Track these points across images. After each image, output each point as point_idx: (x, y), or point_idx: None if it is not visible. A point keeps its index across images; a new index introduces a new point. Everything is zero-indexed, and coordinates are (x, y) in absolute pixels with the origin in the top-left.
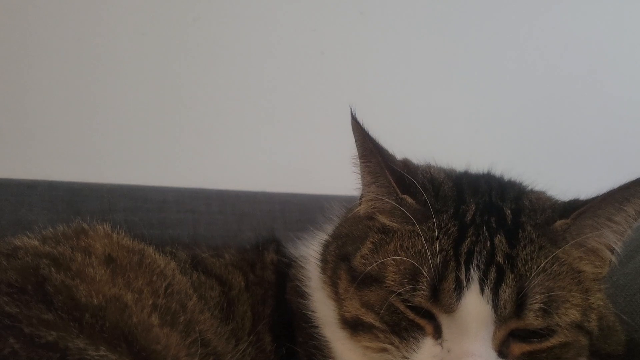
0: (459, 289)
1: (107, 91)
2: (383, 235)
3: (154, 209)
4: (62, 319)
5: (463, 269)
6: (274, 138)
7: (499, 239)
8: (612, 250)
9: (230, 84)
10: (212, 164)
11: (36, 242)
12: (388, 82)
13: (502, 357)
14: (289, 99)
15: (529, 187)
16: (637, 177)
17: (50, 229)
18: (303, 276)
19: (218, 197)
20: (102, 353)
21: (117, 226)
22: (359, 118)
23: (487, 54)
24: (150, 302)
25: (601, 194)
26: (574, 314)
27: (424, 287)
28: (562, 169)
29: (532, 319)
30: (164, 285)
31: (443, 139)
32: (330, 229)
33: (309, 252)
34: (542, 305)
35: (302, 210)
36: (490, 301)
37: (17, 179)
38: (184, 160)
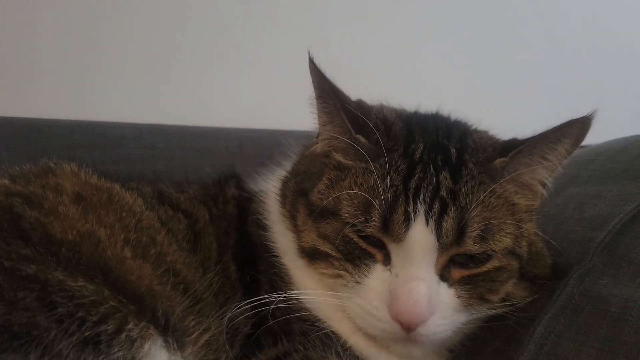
0: (407, 220)
1: (63, 26)
2: (338, 172)
3: (113, 144)
4: (39, 253)
5: (411, 203)
6: (231, 74)
7: (443, 175)
8: (543, 185)
9: (187, 20)
10: (170, 99)
11: (6, 181)
12: (343, 18)
13: (443, 281)
14: (246, 34)
15: (473, 127)
16: (568, 120)
17: (17, 168)
18: (263, 210)
19: (177, 132)
20: (80, 284)
21: (83, 164)
22: (316, 59)
23: None
24: (122, 236)
25: (536, 134)
26: (507, 241)
27: (375, 219)
28: (508, 107)
29: (470, 245)
30: (133, 221)
31: (394, 77)
32: (288, 165)
33: (269, 187)
34: (479, 233)
35: (260, 146)
36: (434, 231)
37: None
38: (142, 96)
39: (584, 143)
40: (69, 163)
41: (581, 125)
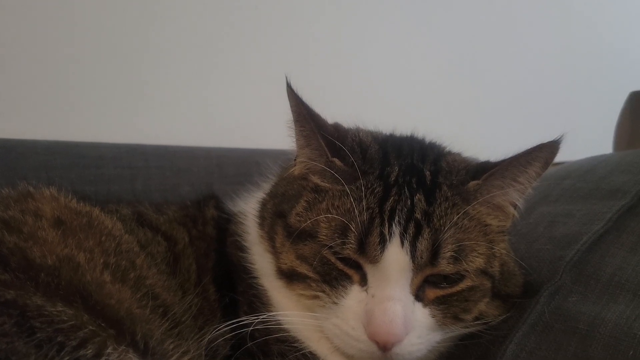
0: (383, 242)
1: (39, 44)
2: (316, 195)
3: (91, 165)
4: (18, 278)
5: (387, 225)
6: (209, 93)
7: (418, 197)
8: (515, 206)
9: (164, 37)
10: (148, 119)
11: None
12: (321, 37)
13: (418, 301)
14: (224, 53)
15: (447, 149)
16: (538, 144)
17: None
18: (242, 231)
19: (155, 152)
20: (59, 309)
21: (61, 185)
22: (293, 79)
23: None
24: (102, 260)
25: (508, 157)
26: (479, 261)
27: (352, 241)
28: (483, 125)
29: (444, 266)
30: (113, 245)
31: (371, 97)
32: (266, 186)
33: (247, 208)
34: (453, 254)
35: (238, 164)
36: (409, 252)
37: None
38: (120, 115)
39: (557, 160)
40: (49, 187)
41: (550, 149)
